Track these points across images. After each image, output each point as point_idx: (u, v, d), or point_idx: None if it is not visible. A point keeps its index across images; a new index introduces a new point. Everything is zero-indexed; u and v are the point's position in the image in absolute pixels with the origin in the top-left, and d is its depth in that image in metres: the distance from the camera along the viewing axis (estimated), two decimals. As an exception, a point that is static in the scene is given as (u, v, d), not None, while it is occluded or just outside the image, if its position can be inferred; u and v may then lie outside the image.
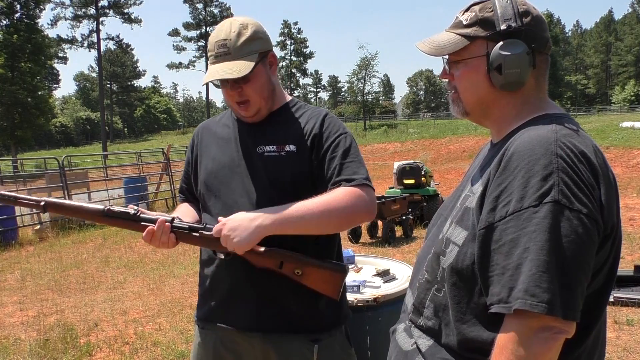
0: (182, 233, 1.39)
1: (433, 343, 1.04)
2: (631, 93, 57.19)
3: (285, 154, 1.44)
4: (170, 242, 1.39)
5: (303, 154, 1.44)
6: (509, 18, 1.01)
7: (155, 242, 1.39)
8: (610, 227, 0.91)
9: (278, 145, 1.46)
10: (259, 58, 1.41)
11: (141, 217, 1.41)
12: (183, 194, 1.69)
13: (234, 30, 1.39)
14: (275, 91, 1.51)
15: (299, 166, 1.43)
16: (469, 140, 27.36)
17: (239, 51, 1.38)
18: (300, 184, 1.43)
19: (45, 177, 12.26)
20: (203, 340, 1.53)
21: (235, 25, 1.41)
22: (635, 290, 4.45)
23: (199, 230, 1.38)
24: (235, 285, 1.43)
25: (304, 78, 77.48)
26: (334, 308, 1.49)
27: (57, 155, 14.82)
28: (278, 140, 1.47)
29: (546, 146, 0.89)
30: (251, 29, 1.41)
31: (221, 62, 1.39)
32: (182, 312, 4.62)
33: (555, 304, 0.81)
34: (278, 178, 1.43)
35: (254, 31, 1.41)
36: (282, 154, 1.45)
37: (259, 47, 1.42)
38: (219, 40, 1.40)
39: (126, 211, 1.41)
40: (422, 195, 8.67)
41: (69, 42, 55.08)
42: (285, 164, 1.43)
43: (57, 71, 72.75)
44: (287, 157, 1.44)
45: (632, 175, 14.52)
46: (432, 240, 1.12)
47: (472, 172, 1.13)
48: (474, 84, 1.06)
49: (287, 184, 1.42)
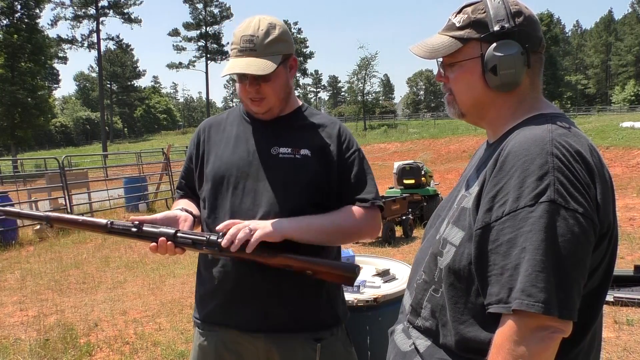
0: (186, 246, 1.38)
1: (431, 344, 1.04)
2: (631, 93, 57.18)
3: (300, 157, 1.45)
4: (176, 253, 1.39)
5: (318, 160, 1.46)
6: (502, 19, 1.01)
7: (162, 254, 1.39)
8: (607, 226, 0.91)
9: (293, 148, 1.46)
10: (282, 60, 1.42)
11: (144, 232, 1.38)
12: (182, 190, 1.65)
13: (262, 29, 1.39)
14: (290, 94, 1.52)
15: (313, 171, 1.44)
16: (469, 140, 27.35)
17: (264, 49, 1.38)
18: (313, 187, 1.44)
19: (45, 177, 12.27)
20: (203, 342, 1.51)
21: (264, 23, 1.41)
22: (635, 290, 4.44)
23: (202, 245, 1.36)
24: (239, 287, 1.42)
25: (304, 78, 77.67)
26: (335, 306, 1.50)
27: (57, 155, 14.83)
28: (293, 143, 1.47)
29: (542, 146, 0.89)
30: (279, 31, 1.42)
31: (245, 57, 1.38)
32: (182, 312, 4.62)
33: (552, 304, 0.82)
34: (293, 180, 1.43)
35: (281, 33, 1.42)
36: (298, 157, 1.45)
37: (284, 49, 1.43)
38: (245, 35, 1.39)
39: (128, 227, 1.39)
40: (422, 195, 8.68)
41: (69, 42, 55.11)
42: (301, 167, 1.44)
43: (57, 71, 72.93)
44: (302, 160, 1.45)
45: (632, 175, 14.52)
46: (430, 241, 1.12)
47: (468, 172, 1.13)
48: (470, 86, 1.06)
49: (301, 186, 1.43)
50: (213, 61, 65.02)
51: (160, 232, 1.37)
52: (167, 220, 1.43)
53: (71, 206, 10.38)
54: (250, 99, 1.45)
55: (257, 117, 1.51)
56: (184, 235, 1.37)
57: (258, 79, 1.40)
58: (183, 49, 66.33)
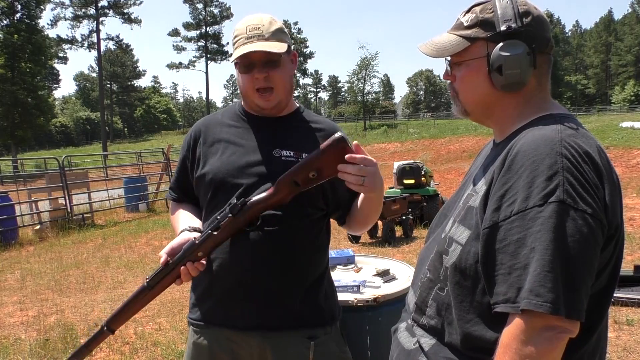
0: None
1: (436, 342, 1.04)
2: (631, 93, 57.22)
3: None
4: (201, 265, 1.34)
5: None
6: (509, 19, 1.01)
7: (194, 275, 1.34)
8: (614, 227, 0.91)
9: (295, 152, 1.45)
10: (288, 49, 1.44)
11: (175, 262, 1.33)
12: (175, 192, 1.62)
13: (266, 20, 1.43)
14: (292, 91, 1.52)
15: None
16: (469, 140, 27.35)
17: (272, 35, 1.41)
18: (317, 190, 1.42)
19: (45, 177, 12.25)
20: (197, 341, 1.50)
21: (266, 16, 1.45)
22: (635, 290, 4.44)
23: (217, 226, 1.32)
24: (235, 287, 1.42)
25: (304, 78, 77.62)
26: (330, 305, 1.50)
27: (57, 155, 14.84)
28: (295, 146, 1.46)
29: (551, 146, 0.89)
30: (280, 23, 1.46)
31: (255, 42, 1.39)
32: (182, 312, 4.62)
33: (560, 304, 0.82)
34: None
35: (282, 26, 1.46)
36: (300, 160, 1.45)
37: (287, 40, 1.45)
38: (250, 25, 1.41)
39: (161, 269, 1.33)
40: (422, 195, 8.67)
41: (69, 42, 55.13)
42: None
43: (57, 71, 72.84)
44: None
45: (632, 175, 14.52)
46: (435, 239, 1.12)
47: (475, 171, 1.13)
48: (475, 85, 1.06)
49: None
50: (213, 61, 65.02)
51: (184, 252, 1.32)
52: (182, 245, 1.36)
53: (71, 206, 10.38)
54: (257, 90, 1.42)
55: (262, 114, 1.49)
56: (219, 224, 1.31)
57: (268, 65, 1.40)
58: (183, 49, 66.35)
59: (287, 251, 1.40)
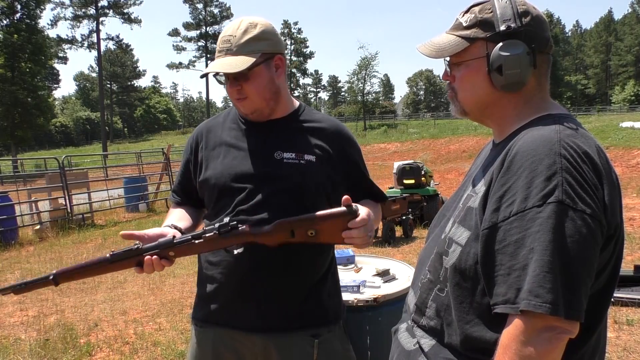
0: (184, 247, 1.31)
1: (436, 343, 1.04)
2: (631, 93, 57.18)
3: (305, 162, 1.44)
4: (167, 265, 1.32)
5: (322, 164, 1.45)
6: (508, 19, 1.01)
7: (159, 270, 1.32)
8: (614, 227, 0.91)
9: (297, 153, 1.45)
10: (262, 58, 1.40)
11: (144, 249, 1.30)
12: (178, 196, 1.63)
13: (242, 28, 1.39)
14: (280, 95, 1.48)
15: (319, 175, 1.44)
16: (469, 140, 27.35)
17: (241, 48, 1.38)
18: (320, 192, 1.44)
19: (45, 177, 12.25)
20: (201, 340, 1.50)
21: (244, 23, 1.41)
22: (635, 290, 4.44)
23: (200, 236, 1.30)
24: (240, 288, 1.42)
25: (304, 78, 77.52)
26: (334, 303, 1.50)
27: (57, 155, 14.83)
28: (296, 148, 1.45)
29: (550, 146, 0.89)
30: (259, 29, 1.40)
31: (223, 57, 1.39)
32: (182, 312, 4.62)
33: (559, 304, 0.81)
34: (300, 185, 1.42)
35: (262, 31, 1.40)
36: (303, 162, 1.44)
37: (264, 47, 1.40)
38: (224, 36, 1.40)
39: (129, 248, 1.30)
40: (422, 195, 8.66)
41: (69, 42, 55.11)
42: (307, 173, 1.43)
43: (57, 71, 72.82)
44: (307, 165, 1.44)
45: (632, 175, 14.52)
46: (435, 240, 1.12)
47: (474, 172, 1.13)
48: (475, 85, 1.06)
49: (309, 191, 1.42)
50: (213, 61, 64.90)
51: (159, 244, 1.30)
52: (157, 237, 1.34)
53: (71, 206, 10.38)
54: (236, 99, 1.45)
55: (251, 119, 1.50)
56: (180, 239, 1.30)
57: (238, 79, 1.40)
58: (183, 49, 66.42)
59: (291, 253, 1.40)
